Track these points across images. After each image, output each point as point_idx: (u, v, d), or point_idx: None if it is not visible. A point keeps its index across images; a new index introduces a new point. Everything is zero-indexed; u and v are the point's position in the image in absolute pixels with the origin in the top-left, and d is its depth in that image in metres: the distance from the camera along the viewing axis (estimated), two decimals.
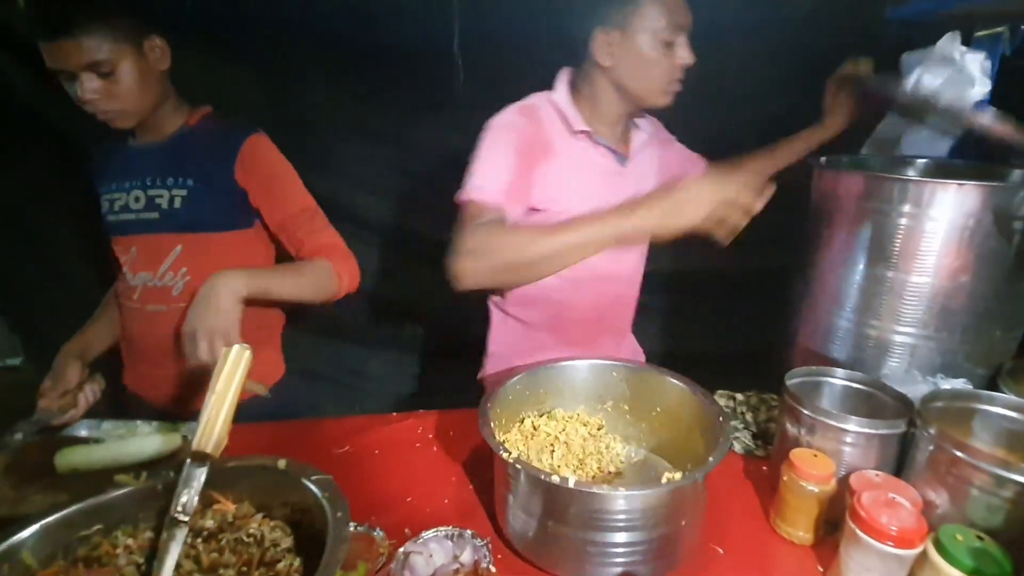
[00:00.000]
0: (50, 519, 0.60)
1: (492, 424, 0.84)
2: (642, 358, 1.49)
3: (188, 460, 0.64)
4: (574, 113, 1.17)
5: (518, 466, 0.75)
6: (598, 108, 1.18)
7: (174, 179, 1.15)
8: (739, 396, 1.21)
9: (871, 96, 1.26)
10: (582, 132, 1.16)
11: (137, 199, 1.17)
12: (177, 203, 1.15)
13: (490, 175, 1.08)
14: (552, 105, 1.18)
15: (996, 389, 0.95)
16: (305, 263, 1.18)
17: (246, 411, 1.21)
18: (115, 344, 1.30)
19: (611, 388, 1.04)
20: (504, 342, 1.35)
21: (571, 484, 0.71)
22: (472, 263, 0.96)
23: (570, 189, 1.15)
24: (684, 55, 1.10)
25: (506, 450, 0.78)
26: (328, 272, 1.17)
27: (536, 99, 1.19)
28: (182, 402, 1.23)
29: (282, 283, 1.11)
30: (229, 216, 1.19)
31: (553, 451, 0.96)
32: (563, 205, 1.12)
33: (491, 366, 1.38)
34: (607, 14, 1.09)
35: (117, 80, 1.04)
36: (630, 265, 1.33)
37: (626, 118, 1.22)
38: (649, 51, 1.08)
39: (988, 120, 1.05)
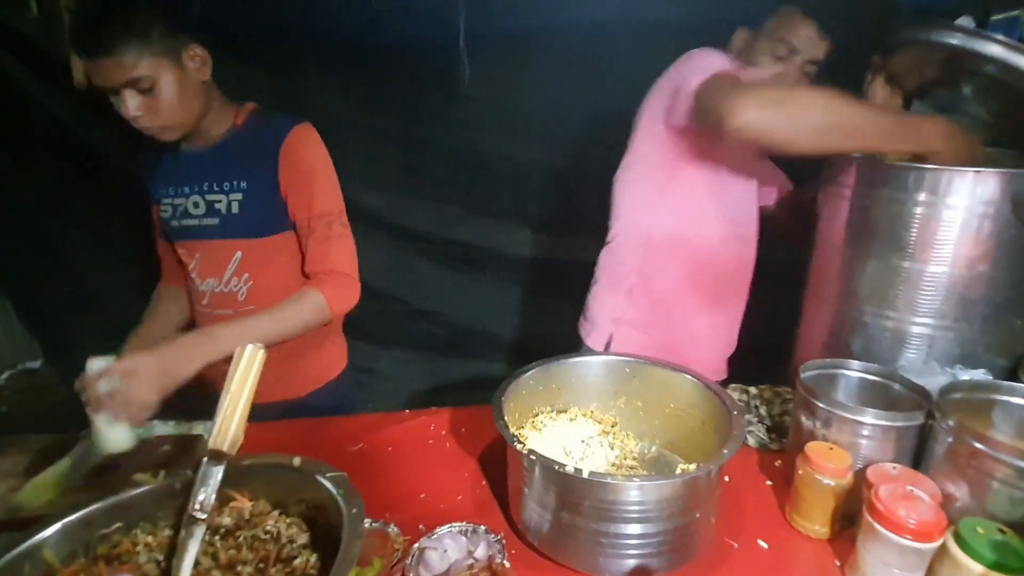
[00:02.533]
0: (71, 518, 0.61)
1: (506, 418, 0.84)
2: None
3: (205, 459, 0.64)
4: None
5: (532, 457, 0.75)
6: None
7: (230, 183, 1.16)
8: (753, 389, 1.20)
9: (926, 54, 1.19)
10: None
11: (196, 204, 1.18)
12: (235, 208, 1.16)
13: (715, 63, 1.12)
14: None
15: (1016, 379, 0.93)
16: (296, 303, 1.13)
17: (298, 411, 1.23)
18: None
19: (624, 384, 1.04)
20: (631, 309, 1.32)
21: (585, 475, 0.71)
22: (757, 105, 0.96)
23: None
24: (786, 77, 1.21)
25: (520, 442, 0.78)
26: (319, 307, 1.13)
27: None
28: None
29: (263, 333, 1.05)
30: (279, 215, 1.18)
31: (567, 449, 0.96)
32: None
33: (621, 336, 1.33)
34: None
35: (158, 95, 1.03)
36: (756, 229, 1.35)
37: None
38: (760, 55, 1.19)
39: None
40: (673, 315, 1.32)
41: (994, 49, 0.99)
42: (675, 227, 1.26)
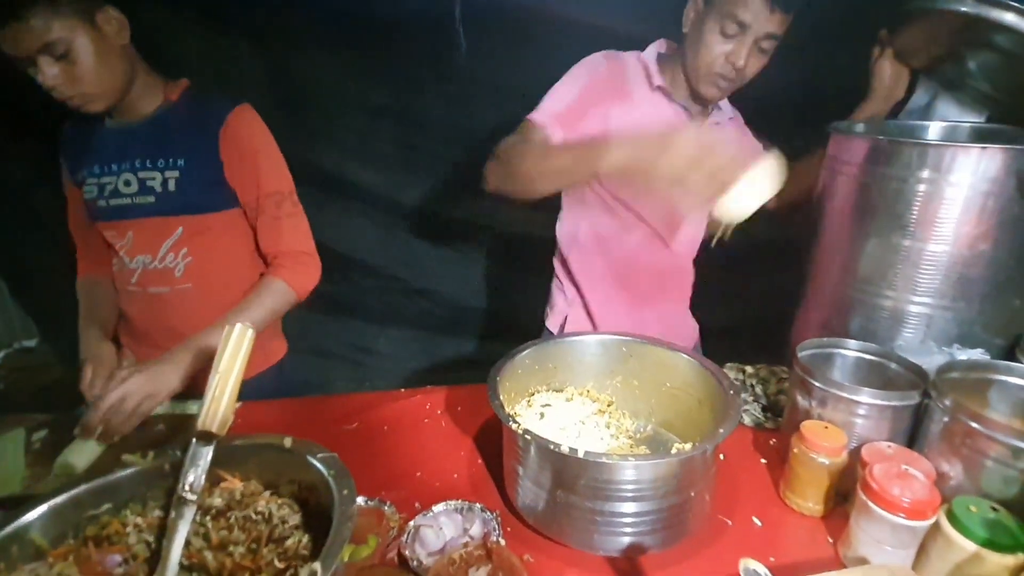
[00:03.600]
0: (58, 499, 0.60)
1: (501, 397, 0.84)
2: (696, 334, 1.51)
3: (194, 439, 0.64)
4: (656, 70, 1.21)
5: (528, 437, 0.75)
6: (676, 76, 1.22)
7: (165, 160, 1.12)
8: (749, 368, 1.19)
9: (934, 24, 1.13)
10: (659, 88, 1.20)
11: (128, 183, 1.13)
12: (172, 185, 1.12)
13: (551, 101, 1.16)
14: (640, 61, 1.23)
15: (1014, 359, 0.93)
16: (259, 294, 1.14)
17: (253, 390, 1.22)
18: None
19: (621, 363, 1.03)
20: (577, 296, 1.38)
21: (581, 454, 0.71)
22: (494, 165, 1.06)
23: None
24: (737, 55, 1.10)
25: (515, 421, 0.78)
26: (282, 292, 1.15)
27: (627, 54, 1.25)
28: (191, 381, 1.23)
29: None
30: (222, 194, 1.16)
31: (563, 428, 0.96)
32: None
33: (573, 319, 1.39)
34: None
35: (75, 61, 0.98)
36: (686, 240, 1.36)
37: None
38: (709, 32, 1.10)
39: None
40: (614, 306, 1.35)
41: (1008, 17, 0.96)
42: (595, 231, 1.31)
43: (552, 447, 0.72)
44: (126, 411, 0.94)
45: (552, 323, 1.41)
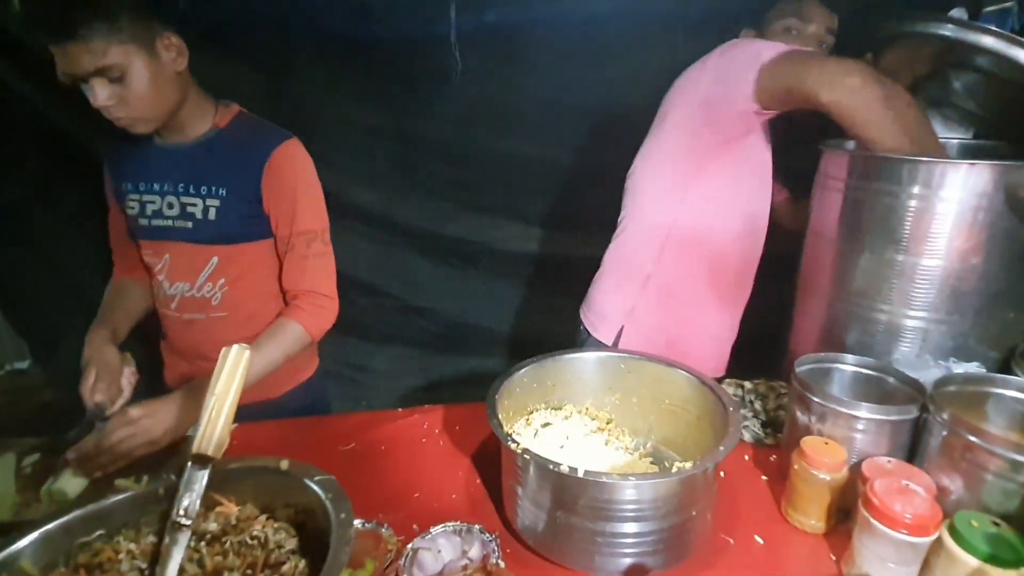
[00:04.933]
0: (50, 526, 0.59)
1: (500, 416, 0.83)
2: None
3: (189, 463, 0.63)
4: None
5: (527, 456, 0.74)
6: None
7: (207, 188, 1.12)
8: (747, 384, 1.19)
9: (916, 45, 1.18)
10: None
11: (171, 206, 1.13)
12: (212, 214, 1.12)
13: None
14: None
15: (1010, 372, 0.93)
16: (275, 336, 1.13)
17: (281, 408, 1.22)
18: (142, 325, 1.28)
19: (620, 380, 1.03)
20: (643, 302, 1.31)
21: (580, 474, 0.70)
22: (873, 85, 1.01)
23: None
24: None
25: (514, 440, 0.77)
26: (298, 336, 1.14)
27: None
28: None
29: (252, 373, 1.04)
30: (258, 224, 1.16)
31: (562, 447, 0.95)
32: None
33: (632, 329, 1.31)
34: None
35: (129, 85, 0.98)
36: (766, 225, 1.32)
37: None
38: None
39: None
40: (683, 308, 1.31)
41: (987, 41, 0.98)
42: (697, 220, 1.25)
43: (551, 467, 0.71)
44: (122, 451, 0.92)
45: (605, 334, 1.33)
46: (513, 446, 0.76)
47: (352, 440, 1.08)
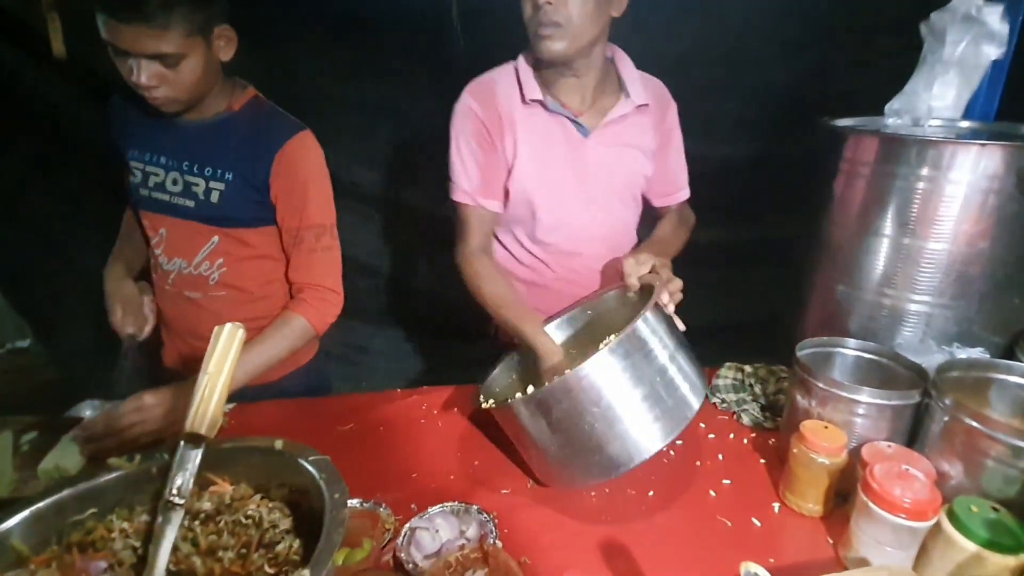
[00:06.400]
0: (40, 505, 0.59)
1: (482, 396, 0.89)
2: None
3: (182, 442, 0.62)
4: (530, 80, 1.12)
5: (510, 402, 0.82)
6: (551, 77, 1.11)
7: (213, 170, 1.10)
8: (747, 368, 1.18)
9: None
10: (534, 101, 1.12)
11: (175, 182, 1.12)
12: (214, 197, 1.11)
13: (460, 173, 1.14)
14: (514, 74, 1.14)
15: (1013, 358, 0.92)
16: (279, 330, 1.11)
17: (282, 390, 1.22)
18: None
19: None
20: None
21: (549, 383, 0.79)
22: (467, 268, 1.15)
23: (530, 159, 1.13)
24: None
25: (486, 399, 0.85)
26: (302, 329, 1.13)
27: (499, 71, 1.16)
28: None
29: (254, 367, 1.06)
30: (263, 211, 1.14)
31: None
32: (527, 182, 1.14)
33: None
34: None
35: (180, 71, 0.98)
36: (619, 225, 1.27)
37: (594, 85, 1.12)
38: None
39: None
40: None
41: None
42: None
43: (529, 393, 0.81)
44: (131, 436, 0.92)
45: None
46: (486, 404, 0.85)
47: (351, 421, 1.08)
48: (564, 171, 1.14)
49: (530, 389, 1.00)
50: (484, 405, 0.91)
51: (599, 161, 1.15)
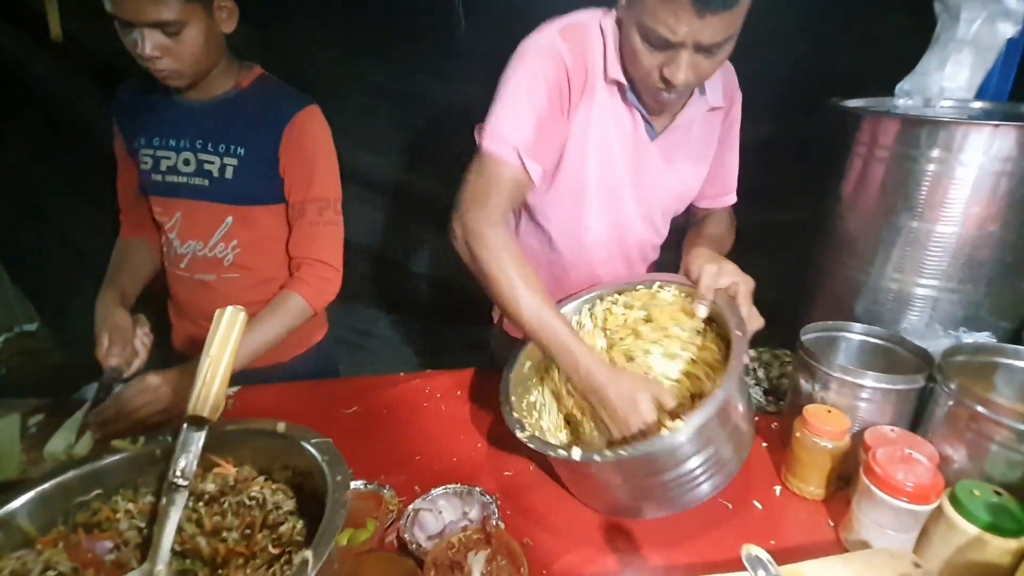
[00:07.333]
0: (46, 485, 0.59)
1: (512, 399, 0.84)
2: None
3: (185, 424, 0.63)
4: (614, 54, 0.90)
5: (577, 458, 0.74)
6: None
7: (225, 146, 1.10)
8: (751, 352, 1.18)
9: None
10: (615, 82, 0.92)
11: (187, 162, 1.12)
12: (228, 172, 1.11)
13: (508, 120, 0.89)
14: (600, 37, 0.91)
15: (1020, 343, 0.91)
16: (276, 311, 1.11)
17: (290, 372, 1.23)
18: (149, 287, 1.26)
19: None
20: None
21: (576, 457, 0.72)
22: (476, 239, 0.87)
23: (597, 146, 0.95)
24: (673, 73, 0.82)
25: (522, 427, 0.79)
26: (300, 309, 1.12)
27: (587, 21, 0.91)
28: None
29: (250, 350, 1.05)
30: (274, 187, 1.14)
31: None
32: (587, 173, 0.97)
33: None
34: None
35: (182, 40, 0.99)
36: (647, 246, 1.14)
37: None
38: (635, 38, 0.83)
39: None
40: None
41: None
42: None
43: (613, 456, 0.71)
44: (140, 418, 0.92)
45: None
46: (521, 435, 0.79)
47: (355, 404, 1.09)
48: (624, 174, 0.97)
49: (549, 384, 0.96)
50: (530, 445, 0.78)
51: (657, 171, 1.00)
